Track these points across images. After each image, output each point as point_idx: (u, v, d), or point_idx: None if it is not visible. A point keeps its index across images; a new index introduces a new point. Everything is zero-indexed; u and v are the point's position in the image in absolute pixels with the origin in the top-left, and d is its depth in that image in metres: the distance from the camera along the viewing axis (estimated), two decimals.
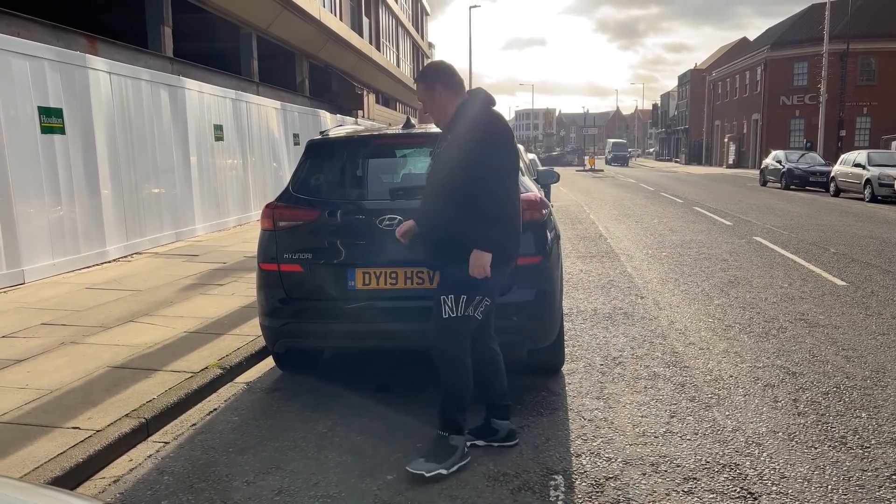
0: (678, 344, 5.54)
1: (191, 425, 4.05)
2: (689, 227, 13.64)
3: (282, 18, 19.14)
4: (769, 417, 4.01)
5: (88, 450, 3.46)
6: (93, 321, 5.94)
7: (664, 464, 3.43)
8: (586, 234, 12.73)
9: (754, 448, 3.60)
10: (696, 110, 69.40)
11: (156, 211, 10.47)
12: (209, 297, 6.99)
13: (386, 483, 3.28)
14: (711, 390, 4.48)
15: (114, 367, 4.71)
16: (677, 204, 19.15)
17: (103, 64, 9.28)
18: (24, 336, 5.47)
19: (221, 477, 3.38)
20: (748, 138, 51.73)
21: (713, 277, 8.32)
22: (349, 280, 4.06)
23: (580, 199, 21.09)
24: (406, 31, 42.02)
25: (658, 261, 9.60)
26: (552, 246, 4.29)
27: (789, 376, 4.73)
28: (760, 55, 49.35)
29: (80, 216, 8.53)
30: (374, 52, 30.37)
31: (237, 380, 4.82)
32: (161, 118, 10.63)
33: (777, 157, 28.26)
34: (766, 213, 16.17)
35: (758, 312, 6.56)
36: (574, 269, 8.93)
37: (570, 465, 3.45)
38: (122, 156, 9.50)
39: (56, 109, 8.09)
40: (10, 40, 7.66)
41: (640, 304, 6.99)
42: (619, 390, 4.50)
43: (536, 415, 4.09)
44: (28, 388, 4.30)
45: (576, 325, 6.16)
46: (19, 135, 7.52)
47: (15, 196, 7.39)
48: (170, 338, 5.45)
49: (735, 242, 11.33)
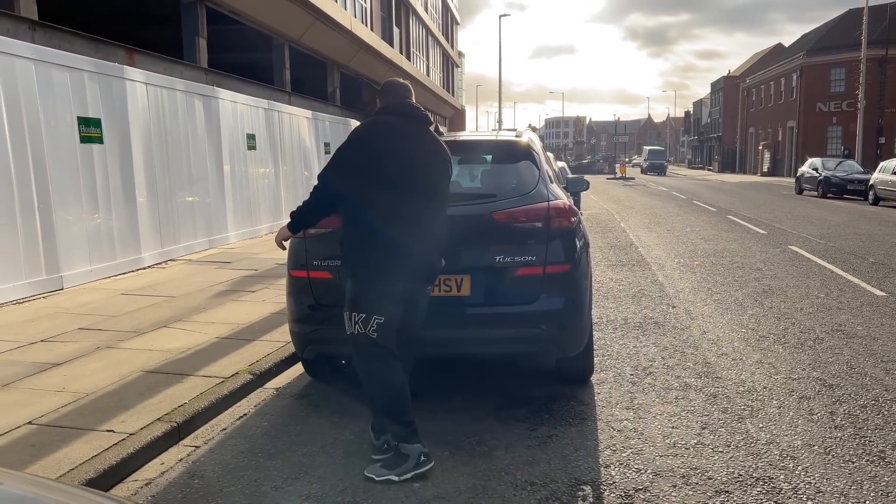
0: (710, 354, 5.45)
1: (221, 430, 4.10)
2: (723, 235, 13.43)
3: (314, 29, 19.39)
4: (804, 430, 3.92)
5: (122, 452, 3.52)
6: (128, 326, 6.05)
7: (695, 476, 3.38)
8: (617, 242, 12.62)
9: (789, 461, 3.52)
10: (729, 117, 68.41)
11: (190, 218, 10.66)
12: (241, 303, 7.08)
13: (412, 490, 3.28)
14: (744, 402, 4.39)
15: (147, 372, 4.79)
16: (710, 212, 18.88)
17: (140, 75, 9.50)
18: (62, 340, 5.60)
19: (250, 481, 3.41)
20: (783, 146, 50.84)
21: (747, 287, 8.18)
22: None
23: (611, 208, 20.92)
24: (436, 40, 42.24)
25: (690, 270, 9.46)
26: (581, 254, 4.27)
27: (826, 388, 4.62)
28: (796, 61, 48.54)
29: (117, 223, 8.72)
30: (403, 62, 30.58)
31: (267, 385, 4.87)
32: (195, 127, 10.84)
33: (813, 164, 27.71)
34: (802, 222, 15.85)
35: (793, 323, 6.43)
36: (604, 278, 8.85)
37: (599, 475, 3.41)
38: (157, 164, 9.70)
39: (95, 119, 8.29)
40: (51, 52, 7.88)
41: (671, 313, 6.90)
42: (649, 401, 4.44)
43: (565, 424, 4.06)
44: (65, 391, 4.39)
45: (605, 334, 6.10)
46: (60, 144, 7.73)
47: (55, 204, 7.58)
48: (202, 343, 5.53)
49: (770, 252, 11.12)
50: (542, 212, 4.16)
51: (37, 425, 3.84)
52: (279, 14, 17.43)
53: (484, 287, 4.10)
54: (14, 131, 7.05)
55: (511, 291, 4.11)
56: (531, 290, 4.08)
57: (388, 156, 3.40)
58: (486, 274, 4.11)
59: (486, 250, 4.12)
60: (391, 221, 3.37)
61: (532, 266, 4.08)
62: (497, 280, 4.12)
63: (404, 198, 3.40)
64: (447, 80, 47.76)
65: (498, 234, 4.14)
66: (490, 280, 4.12)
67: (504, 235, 4.14)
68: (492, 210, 4.20)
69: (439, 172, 3.58)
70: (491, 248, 4.11)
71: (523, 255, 4.08)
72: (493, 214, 4.17)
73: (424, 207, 3.47)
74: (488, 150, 5.12)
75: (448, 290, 4.05)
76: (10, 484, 1.63)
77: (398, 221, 3.38)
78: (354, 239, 3.46)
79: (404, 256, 3.39)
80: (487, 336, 4.17)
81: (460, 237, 4.07)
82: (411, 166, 3.43)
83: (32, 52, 7.44)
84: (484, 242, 4.14)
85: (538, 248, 4.09)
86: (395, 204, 3.38)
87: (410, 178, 3.41)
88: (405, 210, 3.39)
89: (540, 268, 4.07)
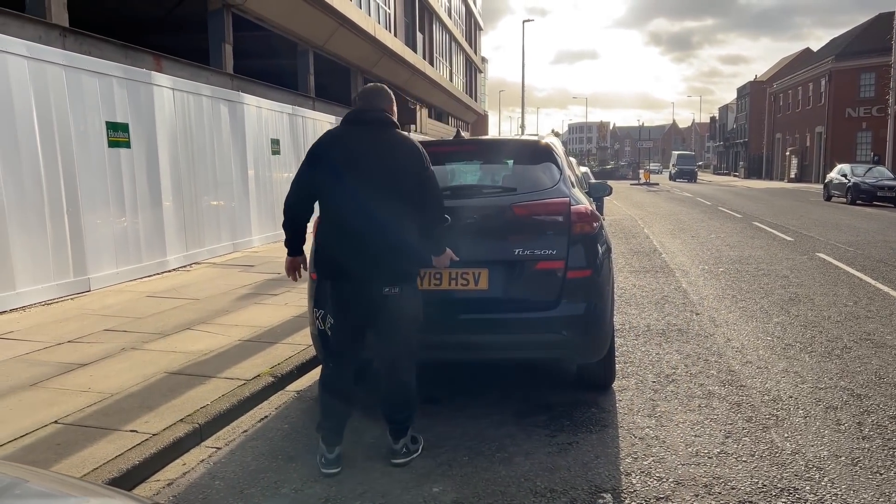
0: (735, 362, 5.37)
1: (242, 431, 4.13)
2: (748, 242, 13.25)
3: (338, 35, 19.55)
4: (831, 441, 3.84)
5: (144, 453, 3.56)
6: (152, 328, 6.13)
7: (718, 485, 3.32)
8: (640, 248, 12.51)
9: (815, 472, 3.46)
10: (756, 123, 67.57)
11: (214, 222, 10.78)
12: (263, 306, 7.14)
13: (431, 495, 3.27)
14: (769, 411, 4.32)
15: (171, 373, 4.85)
16: (736, 219, 18.64)
17: (167, 80, 9.64)
18: (89, 341, 5.69)
19: (270, 483, 3.43)
20: (811, 151, 50.07)
21: (773, 294, 8.06)
22: None
23: (634, 213, 20.76)
24: (459, 46, 42.33)
25: (715, 277, 9.35)
26: (603, 260, 4.23)
27: (853, 398, 4.53)
28: (825, 66, 47.81)
29: (143, 227, 8.85)
30: (427, 68, 30.69)
31: (288, 388, 4.90)
32: (221, 132, 10.97)
33: (842, 170, 27.24)
34: (830, 229, 15.59)
35: (820, 331, 6.32)
36: (627, 284, 8.78)
37: (620, 483, 3.37)
38: (183, 169, 9.83)
39: (123, 124, 8.43)
40: (81, 58, 8.04)
41: (695, 320, 6.82)
42: (671, 408, 4.38)
43: (586, 431, 4.02)
44: (90, 391, 4.46)
45: (628, 341, 6.05)
46: (88, 149, 7.87)
47: (83, 207, 7.72)
48: (224, 346, 5.58)
49: (796, 259, 10.95)
50: (562, 207, 4.13)
51: (62, 424, 3.90)
52: (304, 21, 17.61)
53: (503, 282, 4.04)
54: (45, 136, 7.20)
55: (531, 286, 4.04)
56: (551, 286, 4.00)
57: (325, 163, 3.53)
58: (505, 267, 4.06)
59: (504, 242, 4.06)
60: (335, 225, 3.51)
61: (552, 260, 4.01)
62: (516, 274, 4.05)
63: (343, 200, 3.47)
64: (470, 86, 47.82)
65: (517, 227, 4.10)
66: (509, 274, 4.05)
67: (524, 228, 4.10)
68: (512, 202, 4.20)
69: (388, 171, 3.46)
70: (510, 239, 4.06)
71: (543, 248, 4.03)
72: (512, 206, 4.16)
73: (369, 209, 3.41)
74: (510, 152, 5.12)
75: (465, 284, 4.02)
76: (36, 482, 1.66)
77: (341, 226, 3.48)
78: (315, 240, 3.70)
79: (350, 257, 3.45)
80: (508, 341, 4.15)
81: (479, 230, 4.07)
82: (350, 167, 3.46)
83: (63, 59, 7.60)
84: (503, 235, 4.09)
85: (558, 242, 4.04)
86: (337, 207, 3.50)
87: (347, 180, 3.46)
88: (345, 212, 3.46)
89: (561, 262, 4.00)
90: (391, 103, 3.70)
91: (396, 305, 3.48)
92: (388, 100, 3.71)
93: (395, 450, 3.63)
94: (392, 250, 3.44)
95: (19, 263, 6.86)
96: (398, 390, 3.62)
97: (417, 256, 3.60)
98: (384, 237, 3.42)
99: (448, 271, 4.02)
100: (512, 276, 4.06)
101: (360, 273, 3.45)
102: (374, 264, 3.43)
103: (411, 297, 3.56)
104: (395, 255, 3.45)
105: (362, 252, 3.42)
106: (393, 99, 3.74)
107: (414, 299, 3.58)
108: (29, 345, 5.55)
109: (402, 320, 3.53)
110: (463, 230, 3.96)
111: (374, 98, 3.66)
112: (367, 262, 3.43)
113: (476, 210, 4.16)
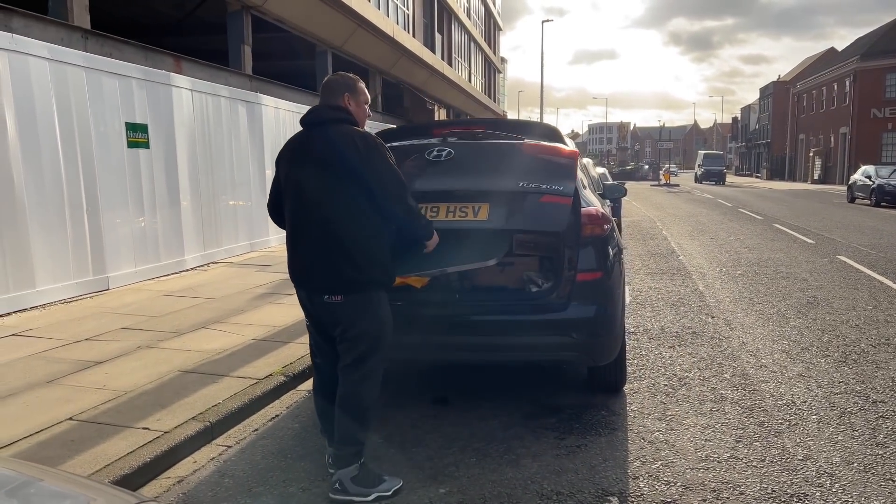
0: (749, 366, 5.32)
1: (253, 430, 4.17)
2: (768, 244, 13.09)
3: (356, 36, 19.62)
4: (844, 446, 3.79)
5: (156, 450, 3.61)
6: (168, 327, 6.21)
7: (727, 490, 3.30)
8: (657, 250, 12.42)
9: (826, 478, 3.41)
10: (778, 123, 66.69)
11: (232, 222, 10.88)
12: (278, 305, 7.19)
13: (438, 496, 3.28)
14: (782, 416, 4.27)
15: (184, 372, 4.90)
16: (756, 220, 18.43)
17: (186, 81, 9.75)
18: (105, 339, 5.78)
19: (279, 482, 3.46)
20: (835, 153, 49.34)
21: (790, 298, 7.96)
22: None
23: (653, 215, 20.60)
24: (478, 46, 42.29)
25: (732, 279, 9.26)
26: (614, 262, 4.21)
27: (869, 404, 4.46)
28: (849, 66, 47.10)
29: (161, 226, 8.96)
30: (445, 68, 30.70)
31: (300, 387, 4.93)
32: (238, 133, 11.07)
33: (867, 172, 26.82)
34: (852, 231, 15.35)
35: (837, 335, 6.23)
36: (643, 286, 8.72)
37: (627, 486, 3.36)
38: (201, 169, 9.93)
39: (142, 125, 8.55)
40: (101, 60, 8.16)
41: (710, 323, 6.76)
42: (682, 412, 4.35)
43: (594, 434, 4.01)
44: (105, 388, 4.53)
45: (641, 343, 6.01)
46: (108, 149, 7.98)
47: (102, 207, 7.83)
48: (238, 345, 5.63)
49: (817, 261, 10.80)
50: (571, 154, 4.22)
51: (77, 421, 3.96)
52: (323, 22, 17.70)
53: (505, 211, 3.90)
54: (65, 136, 7.31)
55: (535, 218, 3.91)
56: (559, 218, 3.84)
57: (279, 167, 3.44)
58: (508, 198, 3.92)
59: (508, 176, 3.97)
60: (288, 233, 3.40)
61: (560, 196, 3.86)
62: (519, 205, 3.91)
63: (288, 207, 3.38)
64: (489, 86, 47.75)
65: (524, 163, 4.08)
66: (512, 205, 3.91)
67: (530, 164, 4.08)
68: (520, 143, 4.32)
69: (323, 172, 3.22)
70: (515, 173, 3.98)
71: (550, 183, 3.91)
72: (521, 146, 4.27)
73: (303, 215, 3.29)
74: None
75: (464, 216, 3.92)
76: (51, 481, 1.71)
77: (288, 233, 3.39)
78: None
79: (294, 264, 3.38)
80: (517, 343, 4.14)
81: (481, 167, 4.07)
82: (290, 173, 3.34)
83: (84, 60, 7.71)
84: (507, 170, 4.03)
85: (567, 181, 3.95)
86: (288, 214, 3.39)
87: (288, 186, 3.36)
88: (291, 219, 3.36)
89: (570, 199, 3.86)
90: (349, 93, 3.38)
91: (343, 314, 3.24)
92: (343, 90, 3.38)
93: (332, 480, 3.28)
94: (327, 257, 3.20)
95: (39, 262, 6.97)
96: (341, 404, 3.27)
97: (370, 263, 3.24)
98: (321, 243, 3.21)
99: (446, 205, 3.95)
100: (515, 205, 3.91)
101: (302, 280, 3.36)
102: (310, 271, 3.28)
103: (361, 308, 3.24)
104: (330, 261, 3.20)
105: (300, 259, 3.32)
106: (354, 87, 3.40)
107: (366, 311, 3.25)
108: (47, 342, 5.65)
109: (349, 331, 3.25)
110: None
111: (326, 93, 3.42)
112: (304, 269, 3.31)
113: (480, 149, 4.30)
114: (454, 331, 4.02)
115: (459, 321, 4.04)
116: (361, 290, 3.25)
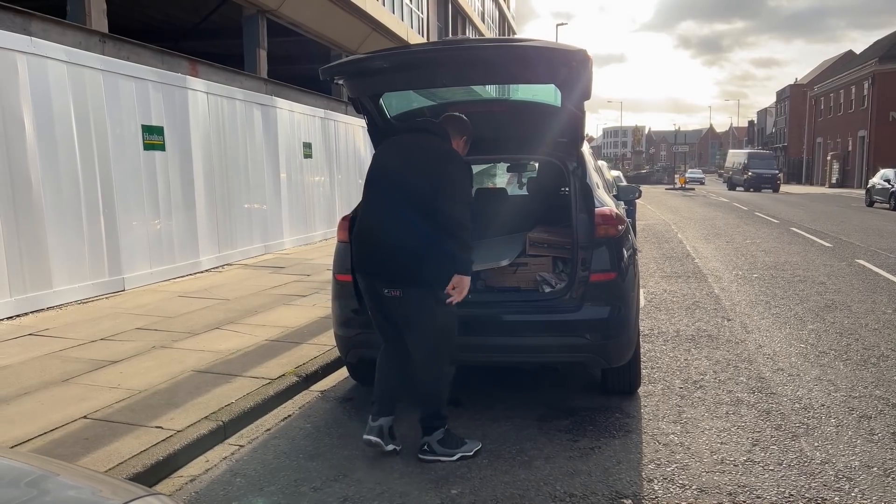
0: (765, 369, 5.25)
1: (265, 430, 4.17)
2: (785, 247, 12.96)
3: (371, 40, 19.70)
4: (863, 451, 3.73)
5: (169, 449, 3.62)
6: (182, 327, 6.24)
7: (743, 494, 3.25)
8: (673, 253, 12.33)
9: (844, 483, 3.36)
10: (795, 127, 66.07)
11: (246, 224, 10.93)
12: (291, 307, 7.21)
13: (450, 497, 3.26)
14: (800, 419, 4.21)
15: (198, 372, 4.92)
16: (773, 224, 18.25)
17: (201, 85, 9.82)
18: (120, 339, 5.81)
19: (290, 482, 3.45)
20: (853, 156, 48.80)
21: (808, 301, 7.86)
22: None
23: (668, 218, 20.47)
24: None
25: (748, 282, 9.16)
26: (628, 263, 4.18)
27: (888, 407, 4.39)
28: (868, 69, 46.58)
29: (177, 228, 9.02)
30: None
31: (312, 388, 4.93)
32: (253, 136, 11.13)
33: (885, 175, 26.50)
34: (871, 235, 15.16)
35: (856, 339, 6.14)
36: (658, 289, 8.65)
37: (641, 489, 3.32)
38: (216, 172, 9.99)
39: (158, 128, 8.61)
40: (118, 63, 8.23)
41: (726, 326, 6.69)
42: (698, 415, 4.30)
43: (609, 436, 3.97)
44: (119, 387, 4.55)
45: (656, 346, 5.95)
46: (124, 151, 8.05)
47: (119, 209, 7.89)
48: (251, 345, 5.65)
49: (834, 265, 10.67)
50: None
51: (91, 419, 3.99)
52: (337, 26, 17.80)
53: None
54: (82, 139, 7.38)
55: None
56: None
57: (374, 161, 3.81)
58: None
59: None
60: (360, 222, 3.73)
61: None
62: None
63: (366, 199, 3.72)
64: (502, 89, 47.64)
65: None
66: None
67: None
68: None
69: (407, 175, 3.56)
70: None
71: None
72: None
73: (382, 210, 3.60)
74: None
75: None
76: (66, 476, 1.72)
77: (360, 223, 3.72)
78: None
79: (360, 254, 3.66)
80: (530, 344, 4.12)
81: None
82: (377, 169, 3.72)
83: (101, 63, 7.79)
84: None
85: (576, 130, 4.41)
86: (363, 205, 3.76)
87: (373, 181, 3.70)
88: (364, 211, 3.72)
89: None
90: (466, 136, 3.87)
91: (401, 308, 3.55)
92: (465, 132, 3.87)
93: (420, 444, 3.70)
94: (394, 252, 3.48)
95: (56, 263, 7.04)
96: (420, 385, 3.70)
97: (437, 264, 3.45)
98: (389, 238, 3.51)
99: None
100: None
101: (366, 271, 3.64)
102: (376, 264, 3.56)
103: (419, 303, 3.49)
104: (396, 257, 3.47)
105: (368, 250, 3.60)
106: (460, 128, 3.85)
107: (423, 306, 3.50)
108: (63, 342, 5.69)
109: (411, 324, 3.57)
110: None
111: (451, 123, 3.85)
112: (369, 261, 3.60)
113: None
114: (467, 332, 4.00)
115: (472, 322, 4.02)
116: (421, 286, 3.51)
